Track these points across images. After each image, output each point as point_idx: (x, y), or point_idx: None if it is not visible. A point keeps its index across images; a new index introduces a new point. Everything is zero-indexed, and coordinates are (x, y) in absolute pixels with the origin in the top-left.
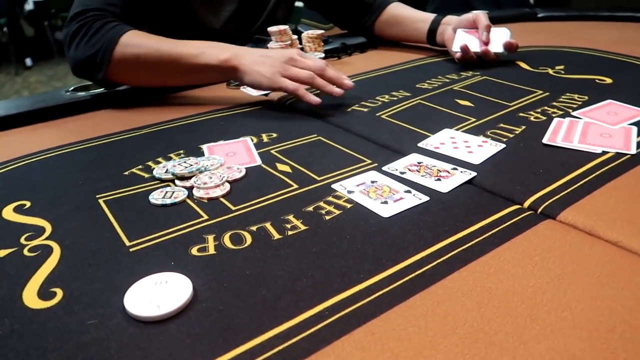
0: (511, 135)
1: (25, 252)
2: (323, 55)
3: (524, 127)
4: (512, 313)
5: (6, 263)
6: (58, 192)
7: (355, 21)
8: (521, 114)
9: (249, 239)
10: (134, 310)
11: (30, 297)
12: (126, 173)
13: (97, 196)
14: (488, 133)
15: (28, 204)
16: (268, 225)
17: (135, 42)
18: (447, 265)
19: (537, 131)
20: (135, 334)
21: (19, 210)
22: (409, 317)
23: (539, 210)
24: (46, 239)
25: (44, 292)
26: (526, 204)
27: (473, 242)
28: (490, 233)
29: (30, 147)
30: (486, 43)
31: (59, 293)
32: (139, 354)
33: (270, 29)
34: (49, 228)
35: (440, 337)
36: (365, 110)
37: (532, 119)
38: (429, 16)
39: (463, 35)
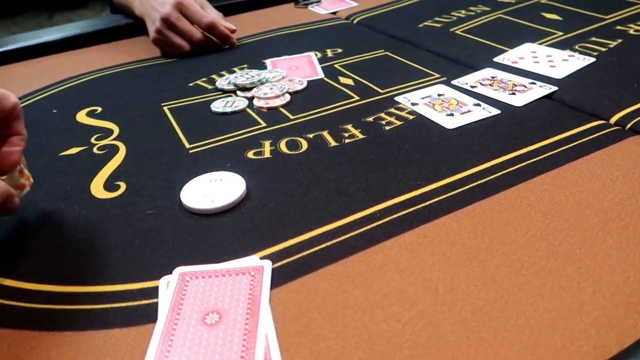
0: (604, 49)
1: (95, 150)
2: None
3: (620, 40)
4: (583, 225)
5: (77, 159)
6: (127, 100)
7: None
8: (619, 27)
9: (304, 145)
10: (189, 203)
11: (97, 189)
12: (190, 84)
13: (162, 104)
14: (576, 47)
15: (99, 109)
16: (325, 133)
17: None
18: (514, 176)
19: (635, 45)
20: (189, 224)
21: (91, 114)
22: (465, 223)
23: (628, 126)
24: (114, 139)
25: (109, 185)
26: (613, 119)
27: (546, 154)
28: (566, 147)
29: (101, 64)
30: None
31: (123, 186)
32: (191, 242)
33: None
34: (116, 130)
35: (497, 244)
36: (439, 25)
37: (631, 32)
38: None
39: None
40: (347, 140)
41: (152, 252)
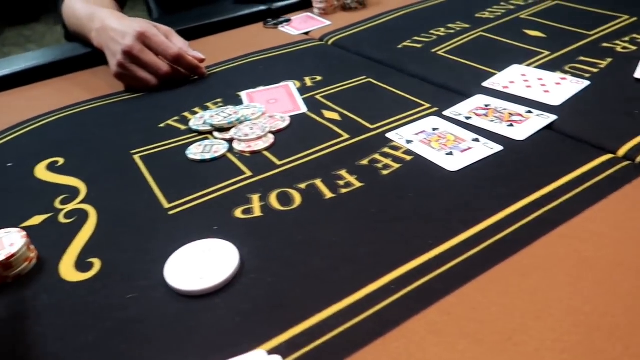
0: (595, 70)
1: (61, 217)
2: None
3: (609, 59)
4: (619, 291)
5: (41, 231)
6: (91, 148)
7: None
8: (605, 44)
9: (298, 199)
10: (175, 283)
11: (68, 269)
12: (161, 125)
13: (132, 152)
14: (566, 68)
15: (61, 161)
16: (318, 182)
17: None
18: (532, 228)
19: (626, 64)
20: (178, 310)
21: (52, 168)
22: (489, 294)
23: (638, 160)
24: (81, 202)
25: (81, 263)
26: (621, 151)
27: (561, 199)
28: (580, 189)
29: (59, 102)
30: None
31: (97, 264)
32: (183, 333)
33: None
34: (83, 189)
35: (531, 319)
36: (419, 46)
37: (619, 49)
38: None
39: None
40: (343, 190)
41: (138, 350)
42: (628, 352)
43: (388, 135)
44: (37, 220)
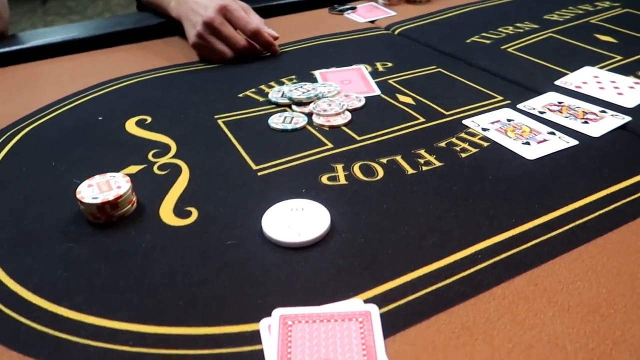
0: None
1: (155, 169)
2: None
3: None
4: None
5: (139, 179)
6: (176, 110)
7: None
8: None
9: (380, 172)
10: (273, 234)
11: (167, 214)
12: (240, 95)
13: (215, 117)
14: (639, 73)
15: (149, 119)
16: (399, 158)
17: None
18: (612, 218)
19: None
20: (276, 258)
21: (141, 125)
22: (575, 270)
23: None
24: (173, 157)
25: (180, 211)
26: None
27: (639, 194)
28: None
29: (137, 66)
30: None
31: (194, 212)
32: (282, 278)
33: None
34: (173, 146)
35: (617, 296)
36: (488, 42)
37: None
38: None
39: None
40: (424, 168)
41: (242, 289)
42: None
43: (464, 121)
44: (133, 169)
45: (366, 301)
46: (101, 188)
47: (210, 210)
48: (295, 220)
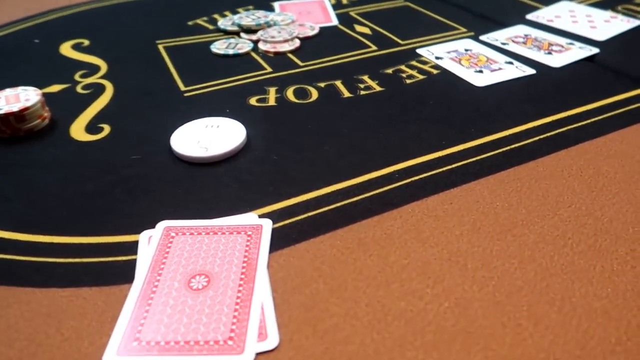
0: None
1: (79, 88)
2: None
3: None
4: (635, 202)
5: (59, 98)
6: (118, 36)
7: None
8: None
9: (314, 94)
10: (180, 149)
11: (78, 130)
12: (190, 23)
13: (158, 42)
14: (619, 8)
15: (87, 42)
16: (338, 82)
17: None
18: (553, 142)
19: None
20: (179, 173)
21: (77, 47)
22: (498, 191)
23: None
24: (101, 77)
25: (92, 127)
26: None
27: (589, 120)
28: (611, 113)
29: None
30: None
31: (107, 128)
32: (180, 193)
33: None
34: (104, 67)
35: (536, 217)
36: None
37: None
38: None
39: None
40: (362, 92)
41: (134, 202)
42: (633, 254)
43: (418, 50)
44: (55, 88)
45: (262, 216)
46: (9, 100)
47: (124, 127)
48: (207, 137)
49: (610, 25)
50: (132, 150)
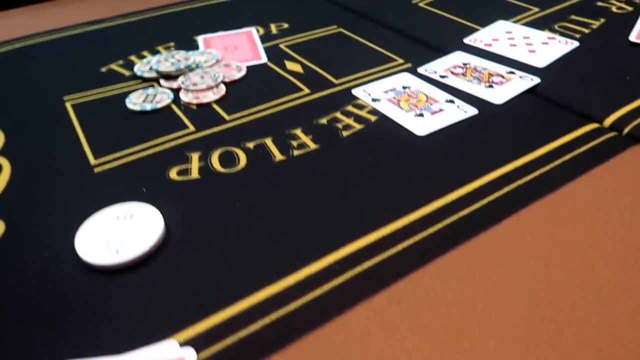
0: (587, 31)
1: None
2: None
3: (603, 20)
4: (595, 280)
5: None
6: (17, 92)
7: None
8: (600, 3)
9: (243, 160)
10: (85, 255)
11: None
12: (103, 70)
13: (65, 98)
14: (556, 27)
15: None
16: (269, 141)
17: None
18: (503, 204)
19: (620, 25)
20: (85, 287)
21: None
22: (449, 279)
23: (625, 131)
24: None
25: None
26: (607, 121)
27: (537, 172)
28: (560, 161)
29: None
30: None
31: (1, 226)
32: (84, 316)
33: None
34: (1, 139)
35: (493, 313)
36: None
37: (614, 9)
38: None
39: None
40: (296, 152)
41: (26, 335)
42: (600, 355)
43: (354, 91)
44: None
45: (185, 343)
46: None
47: (21, 224)
48: (118, 233)
49: (549, 47)
50: (30, 256)
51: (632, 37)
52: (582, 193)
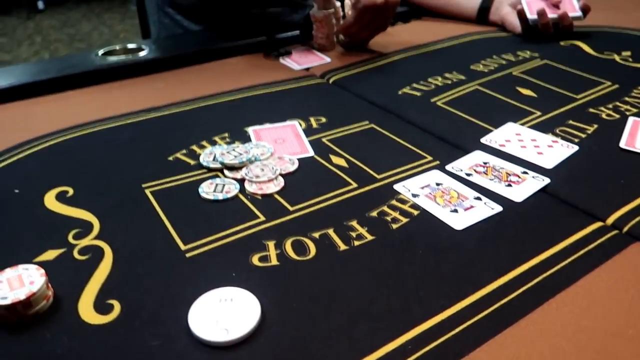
0: (583, 136)
1: (76, 253)
2: None
3: (596, 125)
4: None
5: (56, 267)
6: (101, 177)
7: None
8: (591, 110)
9: (312, 249)
10: (201, 333)
11: (87, 310)
12: (170, 158)
13: (143, 186)
14: (557, 131)
15: (71, 191)
16: (331, 232)
17: None
18: (535, 294)
19: (611, 131)
20: None
21: (62, 198)
22: (500, 358)
23: (625, 230)
24: (95, 237)
25: (101, 305)
26: (609, 220)
27: (559, 266)
28: (576, 256)
29: (64, 119)
30: (558, 7)
31: (117, 306)
32: None
33: None
34: (96, 224)
35: None
36: (418, 94)
37: (604, 116)
38: None
39: (532, 1)
40: (356, 242)
41: None
42: None
43: (395, 187)
44: (51, 255)
45: None
46: (12, 285)
47: (134, 303)
48: (224, 314)
49: (554, 150)
50: (149, 332)
51: (622, 144)
52: (597, 285)
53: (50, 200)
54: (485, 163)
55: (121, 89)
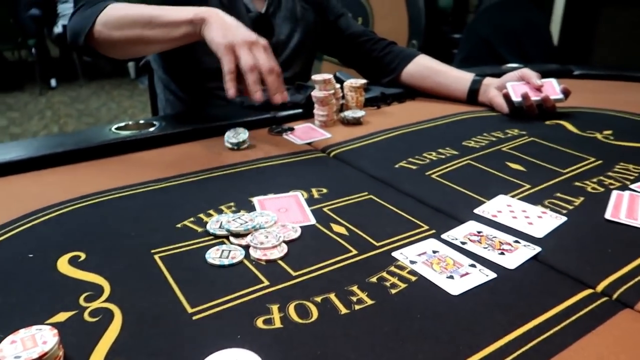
0: (571, 207)
1: (86, 315)
2: (363, 113)
3: (582, 198)
4: None
5: (68, 329)
6: (112, 244)
7: (379, 69)
8: (577, 183)
9: (315, 313)
10: None
11: None
12: (179, 226)
13: (152, 251)
14: (546, 203)
15: (83, 255)
16: (333, 296)
17: (119, 5)
18: (529, 358)
19: (597, 204)
20: None
21: (74, 262)
22: None
23: (614, 297)
24: (106, 300)
25: None
26: (599, 287)
27: (551, 331)
28: (568, 321)
29: (77, 189)
30: (541, 91)
31: None
32: None
33: (315, 77)
34: (107, 287)
35: None
36: (414, 167)
37: (589, 189)
38: (467, 75)
39: (516, 85)
40: (356, 307)
41: None
42: None
43: (393, 254)
44: (62, 317)
45: None
46: (25, 344)
47: None
48: None
49: (543, 221)
50: None
51: (607, 216)
52: (589, 350)
53: (63, 265)
54: (479, 232)
55: (132, 161)
